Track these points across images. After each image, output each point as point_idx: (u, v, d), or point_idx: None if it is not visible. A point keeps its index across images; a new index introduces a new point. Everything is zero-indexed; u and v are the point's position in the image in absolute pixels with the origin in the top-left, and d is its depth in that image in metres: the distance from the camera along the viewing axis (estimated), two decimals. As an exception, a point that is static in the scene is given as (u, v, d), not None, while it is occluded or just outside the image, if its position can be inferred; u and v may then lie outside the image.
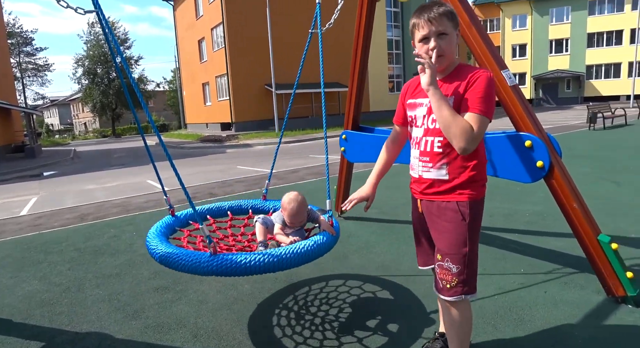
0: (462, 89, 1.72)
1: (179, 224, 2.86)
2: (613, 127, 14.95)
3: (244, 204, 3.24)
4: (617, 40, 39.07)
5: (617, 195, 5.25)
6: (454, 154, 1.76)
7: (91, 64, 43.21)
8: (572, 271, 3.11)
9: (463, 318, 1.86)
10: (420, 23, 1.75)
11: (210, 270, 2.03)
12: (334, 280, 3.27)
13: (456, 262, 1.77)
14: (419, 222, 2.02)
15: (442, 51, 1.73)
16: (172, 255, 2.16)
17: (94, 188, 9.64)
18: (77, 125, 69.14)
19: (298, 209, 2.51)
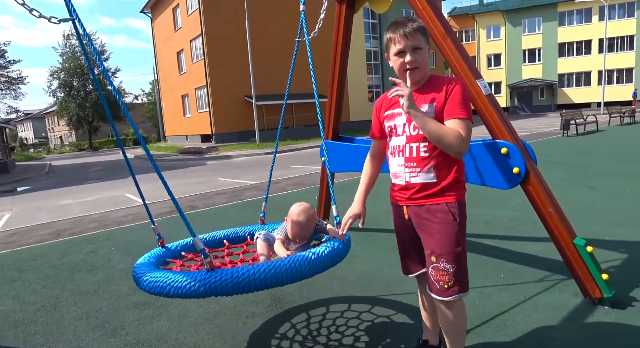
0: (442, 98, 1.82)
1: (170, 255, 2.57)
2: (585, 133, 15.42)
3: (241, 231, 2.97)
4: (586, 50, 40.54)
5: (591, 200, 5.40)
6: (440, 158, 1.84)
7: (67, 76, 42.43)
8: (551, 275, 3.18)
9: (460, 317, 1.92)
10: (396, 38, 1.84)
11: (209, 289, 1.75)
12: (317, 290, 3.26)
13: (451, 262, 1.83)
14: (404, 229, 2.03)
15: (417, 64, 1.84)
16: (162, 279, 1.87)
17: (70, 203, 9.40)
18: (53, 139, 67.58)
19: (307, 224, 2.28)
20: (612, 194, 5.57)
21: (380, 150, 2.12)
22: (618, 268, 3.22)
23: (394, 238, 2.14)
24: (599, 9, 38.32)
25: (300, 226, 2.27)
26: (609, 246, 3.68)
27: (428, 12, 3.00)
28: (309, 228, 2.30)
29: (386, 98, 2.01)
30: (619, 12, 38.83)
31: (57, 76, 42.82)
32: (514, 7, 42.64)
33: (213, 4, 25.11)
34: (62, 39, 44.06)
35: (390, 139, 1.99)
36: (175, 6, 29.39)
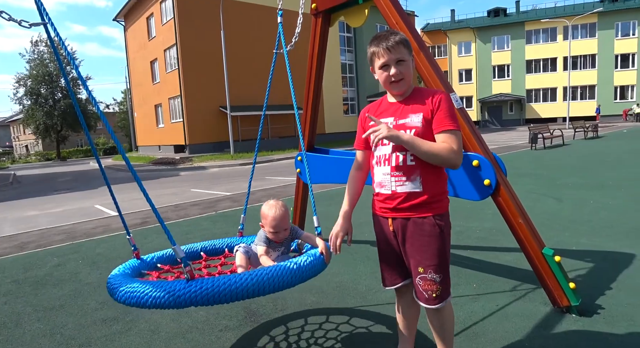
0: (428, 110, 1.87)
1: (146, 267, 2.48)
2: (552, 147, 15.98)
3: (219, 243, 2.91)
4: (552, 67, 42.32)
5: (558, 210, 5.58)
6: (426, 167, 1.86)
7: (34, 84, 41.13)
8: (521, 284, 3.25)
9: (450, 319, 2.03)
10: (380, 51, 1.88)
11: (189, 299, 1.72)
12: (291, 302, 3.23)
13: (439, 272, 1.89)
14: (388, 242, 2.02)
15: (402, 76, 1.87)
16: (139, 289, 1.81)
17: (35, 215, 9.05)
18: (18, 148, 65.19)
19: (281, 213, 2.22)
20: (577, 205, 5.78)
21: (365, 161, 2.10)
22: (584, 276, 3.33)
23: (368, 249, 2.16)
24: (564, 28, 40.16)
25: (277, 217, 2.21)
26: (575, 255, 3.80)
27: (402, 27, 3.07)
28: (285, 219, 2.24)
29: (372, 108, 2.04)
30: (581, 32, 40.82)
31: (23, 82, 41.46)
32: (484, 25, 44.21)
33: (188, 14, 24.99)
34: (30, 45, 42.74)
35: (376, 149, 1.98)
36: (150, 15, 29.09)
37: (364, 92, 35.41)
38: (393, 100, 1.98)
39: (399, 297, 2.15)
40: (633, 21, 39.08)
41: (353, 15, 3.67)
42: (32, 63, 41.35)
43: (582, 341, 2.41)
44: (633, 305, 2.79)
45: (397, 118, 1.91)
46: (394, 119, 1.91)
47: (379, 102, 2.05)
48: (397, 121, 1.90)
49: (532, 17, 42.32)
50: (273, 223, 2.21)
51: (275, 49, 3.13)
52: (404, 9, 3.18)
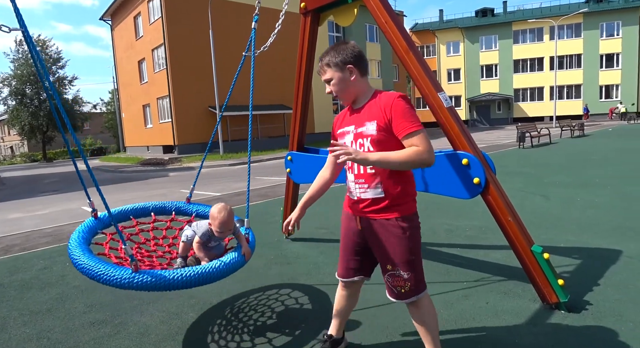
0: (382, 117, 1.92)
1: (102, 227, 2.83)
2: (540, 145, 16.17)
3: (168, 205, 3.29)
4: (539, 67, 42.81)
5: (547, 208, 5.64)
6: (386, 173, 1.95)
7: (19, 84, 40.41)
8: (511, 282, 3.28)
9: (428, 314, 2.06)
10: (318, 71, 2.11)
11: (132, 285, 2.16)
12: (284, 300, 3.21)
13: (406, 269, 1.98)
14: (352, 235, 2.13)
15: (336, 93, 2.04)
16: (94, 269, 2.23)
17: (21, 217, 8.89)
18: (2, 149, 64.06)
19: (229, 218, 2.55)
20: (565, 203, 5.85)
21: (335, 165, 2.24)
22: (572, 273, 3.37)
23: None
24: (550, 28, 40.64)
25: (224, 220, 2.52)
26: (564, 252, 3.85)
27: (391, 27, 3.08)
28: (230, 221, 2.57)
29: (341, 115, 2.17)
30: (567, 32, 41.37)
31: (8, 83, 40.74)
32: (472, 25, 44.55)
33: (176, 13, 24.77)
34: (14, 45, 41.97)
35: None
36: (137, 14, 28.78)
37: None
38: (355, 106, 2.09)
39: (344, 287, 2.29)
40: (617, 21, 39.71)
41: (342, 14, 3.67)
42: (17, 63, 40.66)
43: (571, 337, 2.44)
44: (620, 301, 2.82)
45: (357, 126, 2.01)
46: (354, 128, 2.02)
47: (347, 110, 2.17)
48: (357, 130, 2.01)
49: (519, 17, 42.74)
50: (220, 226, 2.53)
51: (244, 52, 3.19)
52: (393, 9, 3.18)
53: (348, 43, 2.05)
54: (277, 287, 3.52)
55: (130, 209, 3.11)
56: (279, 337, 2.70)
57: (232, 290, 3.47)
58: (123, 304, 3.36)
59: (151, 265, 2.74)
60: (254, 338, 2.71)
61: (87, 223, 2.75)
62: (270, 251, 4.49)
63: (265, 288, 3.51)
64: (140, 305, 3.33)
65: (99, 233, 2.81)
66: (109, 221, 2.85)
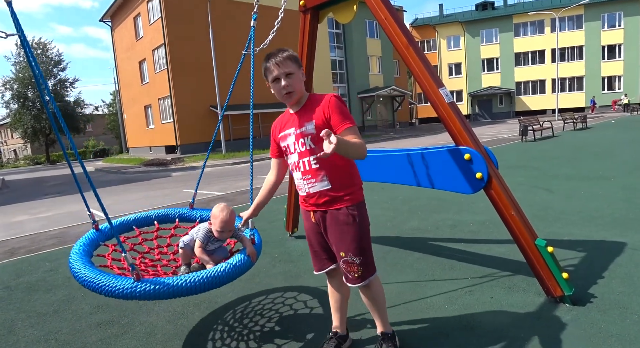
0: (320, 117, 2.06)
1: (103, 238, 2.76)
2: (542, 138, 16.11)
3: (171, 213, 3.20)
4: (540, 60, 42.61)
5: (550, 201, 5.63)
6: (330, 166, 2.09)
7: (21, 87, 40.51)
8: (515, 276, 3.27)
9: (377, 293, 2.27)
10: (270, 67, 2.10)
11: (134, 295, 2.09)
12: (289, 300, 3.23)
13: (357, 255, 2.13)
14: (313, 231, 2.29)
15: (292, 88, 2.09)
16: (95, 281, 2.16)
17: (26, 219, 8.94)
18: (6, 152, 64.32)
19: (230, 217, 2.51)
20: (568, 196, 5.83)
21: (280, 168, 2.39)
22: (577, 266, 3.36)
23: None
24: (551, 21, 40.43)
25: (225, 220, 2.48)
26: (568, 245, 3.84)
27: (391, 23, 3.07)
28: (232, 221, 2.52)
29: (281, 120, 2.27)
30: (568, 24, 41.14)
31: (10, 86, 40.85)
32: (472, 19, 44.36)
33: (176, 13, 24.77)
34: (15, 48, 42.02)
35: (287, 157, 2.25)
36: (137, 15, 28.79)
37: (354, 89, 35.41)
38: (292, 111, 2.20)
39: (329, 280, 2.41)
40: (619, 12, 39.46)
41: (341, 11, 3.66)
42: (18, 66, 40.76)
43: (576, 330, 2.44)
44: (625, 293, 2.82)
45: (297, 128, 2.14)
46: (295, 129, 2.15)
47: (284, 116, 2.28)
48: (297, 130, 2.13)
49: (519, 10, 42.54)
50: (222, 225, 2.48)
51: (244, 50, 3.19)
52: (392, 5, 3.17)
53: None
54: (281, 285, 3.53)
55: (132, 219, 3.04)
56: (284, 335, 2.71)
57: (237, 289, 3.48)
58: (129, 304, 3.38)
59: (156, 274, 2.66)
60: (259, 336, 2.72)
61: (88, 236, 2.70)
62: (274, 250, 4.51)
63: (269, 286, 3.53)
64: (146, 305, 3.35)
65: (101, 245, 2.74)
66: (110, 232, 2.78)
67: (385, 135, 30.16)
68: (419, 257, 3.91)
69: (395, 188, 7.43)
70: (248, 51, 3.13)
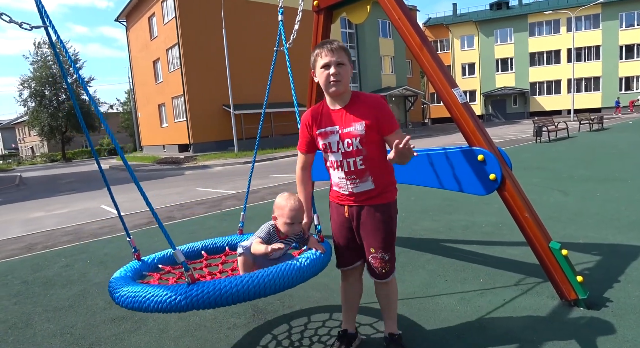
0: (371, 117, 2.07)
1: (147, 269, 2.51)
2: (557, 140, 15.88)
3: (219, 241, 2.94)
4: (555, 59, 42.00)
5: (564, 204, 5.55)
6: (374, 167, 2.13)
7: (38, 85, 41.23)
8: (528, 278, 3.24)
9: (393, 290, 2.32)
10: (323, 52, 2.07)
11: (190, 302, 1.72)
12: (298, 300, 3.24)
13: (387, 251, 2.19)
14: (342, 226, 2.26)
15: (340, 77, 2.05)
16: (141, 293, 1.82)
17: (42, 216, 9.11)
18: (23, 150, 65.57)
19: (300, 204, 2.17)
20: (584, 198, 5.75)
21: (309, 162, 2.34)
22: (592, 269, 3.31)
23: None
24: (567, 20, 39.84)
25: (295, 208, 2.14)
26: (583, 248, 3.79)
27: (404, 23, 3.06)
28: (302, 211, 2.19)
29: (315, 114, 2.21)
30: (585, 23, 40.47)
31: (27, 85, 41.61)
32: (486, 18, 43.91)
33: (190, 13, 24.98)
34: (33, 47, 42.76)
35: (327, 154, 2.21)
36: (151, 15, 29.11)
37: (367, 88, 35.31)
38: (334, 107, 2.14)
39: (346, 277, 2.39)
40: (638, 11, 38.69)
41: (355, 11, 3.66)
42: (36, 65, 41.48)
43: (591, 334, 2.41)
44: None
45: (342, 127, 2.10)
46: (339, 128, 2.11)
47: (319, 109, 2.20)
48: (342, 130, 2.10)
49: (534, 9, 41.99)
50: (291, 213, 2.13)
51: (275, 47, 3.15)
52: (406, 5, 3.16)
53: None
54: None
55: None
56: (297, 327, 2.72)
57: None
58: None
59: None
60: (272, 329, 2.74)
61: (130, 265, 2.44)
62: (285, 249, 4.52)
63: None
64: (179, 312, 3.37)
65: (145, 275, 2.48)
66: (154, 263, 2.57)
67: (397, 135, 29.99)
68: (431, 258, 3.89)
69: (407, 188, 7.40)
70: (281, 48, 3.08)
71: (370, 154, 2.10)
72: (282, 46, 3.00)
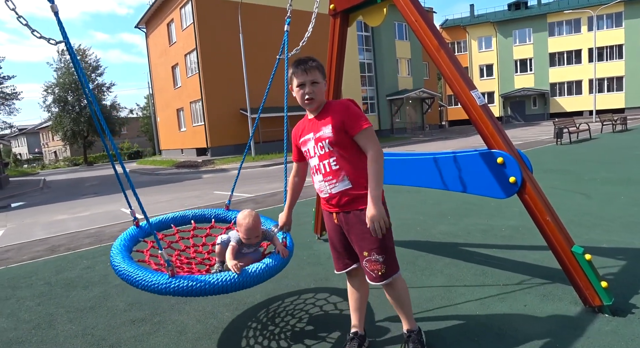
0: (337, 120, 2.17)
1: (143, 235, 2.88)
2: (579, 141, 15.54)
3: (207, 213, 3.33)
4: (576, 59, 41.13)
5: (587, 207, 5.42)
6: (349, 166, 2.18)
7: (62, 91, 42.35)
8: (550, 283, 3.17)
9: (401, 291, 2.30)
10: (298, 73, 2.21)
11: (169, 291, 2.18)
12: (319, 302, 3.23)
13: (380, 253, 2.18)
14: (335, 232, 2.36)
15: (314, 95, 2.20)
16: (132, 275, 2.27)
17: (65, 218, 9.33)
18: (47, 154, 67.30)
19: (254, 224, 2.54)
20: (607, 201, 5.60)
21: (301, 170, 2.54)
22: (617, 275, 3.22)
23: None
24: (588, 19, 39.00)
25: (249, 227, 2.51)
26: (607, 253, 3.69)
27: (421, 25, 3.04)
28: (257, 227, 2.55)
29: (300, 126, 2.39)
30: (607, 22, 39.54)
31: (51, 91, 42.76)
32: (504, 19, 43.32)
33: (207, 19, 25.32)
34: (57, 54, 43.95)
35: (309, 161, 2.35)
36: (170, 21, 29.60)
37: (383, 91, 35.17)
38: (311, 116, 2.30)
39: (350, 279, 2.46)
40: (662, 9, 37.65)
41: (371, 14, 3.66)
42: (59, 72, 42.62)
43: (616, 342, 2.34)
44: (669, 304, 2.68)
45: (315, 132, 2.24)
46: (313, 134, 2.25)
47: (303, 121, 2.39)
48: (315, 135, 2.24)
49: (554, 9, 41.24)
50: (246, 232, 2.52)
51: (278, 55, 3.22)
52: (422, 7, 3.14)
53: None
54: (310, 287, 3.54)
55: (170, 217, 3.19)
56: (314, 336, 2.72)
57: (266, 290, 3.51)
58: (161, 303, 3.47)
59: (190, 271, 2.75)
60: (289, 336, 2.74)
61: (129, 232, 2.82)
62: (302, 252, 4.53)
63: (298, 288, 3.54)
64: (177, 304, 3.43)
65: (140, 241, 2.86)
66: (149, 229, 2.88)
67: (414, 138, 29.82)
68: (449, 262, 3.84)
69: (424, 192, 7.33)
70: (282, 56, 3.16)
71: (342, 154, 2.18)
72: (284, 55, 3.12)
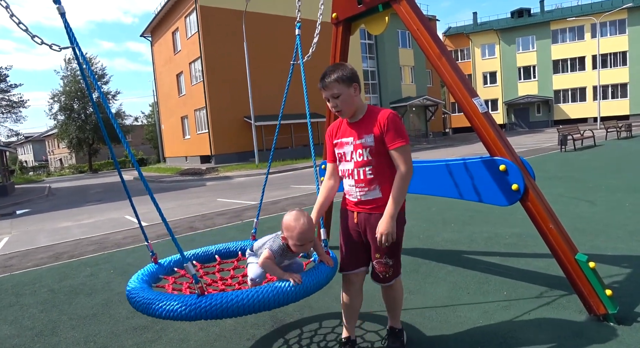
0: (378, 130, 2.20)
1: (163, 272, 2.64)
2: (583, 148, 15.48)
3: (233, 246, 3.07)
4: (580, 66, 41.12)
5: (592, 214, 5.38)
6: (383, 177, 2.24)
7: (68, 99, 42.76)
8: (554, 292, 3.15)
9: (398, 292, 2.47)
10: (320, 88, 2.28)
11: (199, 313, 1.83)
12: (317, 310, 3.22)
13: (392, 257, 2.30)
14: (352, 231, 2.36)
15: (339, 108, 2.24)
16: (153, 301, 1.93)
17: (69, 226, 9.36)
18: (53, 161, 67.69)
19: (309, 224, 2.09)
20: (612, 208, 5.56)
21: (336, 172, 2.44)
22: (622, 283, 3.19)
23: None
24: (591, 26, 39.04)
25: (305, 229, 2.06)
26: (612, 261, 3.66)
27: (423, 34, 3.06)
28: (312, 230, 2.12)
29: (335, 126, 2.40)
30: (610, 29, 39.58)
31: (58, 99, 43.16)
32: (508, 26, 43.43)
33: (212, 27, 25.54)
34: (64, 63, 44.41)
35: (340, 163, 2.37)
36: (175, 30, 29.89)
37: (387, 99, 35.26)
38: (351, 120, 2.31)
39: (348, 285, 2.41)
40: (666, 16, 37.63)
41: (374, 23, 3.68)
42: (66, 80, 43.04)
43: (621, 351, 2.31)
44: (675, 313, 2.66)
45: (355, 138, 2.27)
46: (353, 139, 2.27)
47: (339, 122, 2.39)
48: (356, 141, 2.26)
49: (557, 16, 41.32)
50: (300, 237, 2.07)
51: (292, 60, 3.21)
52: (424, 15, 3.16)
53: (347, 64, 2.30)
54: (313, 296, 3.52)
55: (192, 254, 2.94)
56: (314, 337, 2.70)
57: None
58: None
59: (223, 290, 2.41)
60: (291, 341, 2.73)
61: (147, 268, 2.56)
62: (305, 259, 4.51)
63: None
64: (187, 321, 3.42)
65: (161, 278, 2.61)
66: (170, 266, 2.67)
67: (418, 145, 29.79)
68: (453, 270, 3.82)
69: (428, 199, 7.31)
70: (296, 62, 3.16)
71: (379, 164, 2.22)
72: (298, 60, 3.06)
